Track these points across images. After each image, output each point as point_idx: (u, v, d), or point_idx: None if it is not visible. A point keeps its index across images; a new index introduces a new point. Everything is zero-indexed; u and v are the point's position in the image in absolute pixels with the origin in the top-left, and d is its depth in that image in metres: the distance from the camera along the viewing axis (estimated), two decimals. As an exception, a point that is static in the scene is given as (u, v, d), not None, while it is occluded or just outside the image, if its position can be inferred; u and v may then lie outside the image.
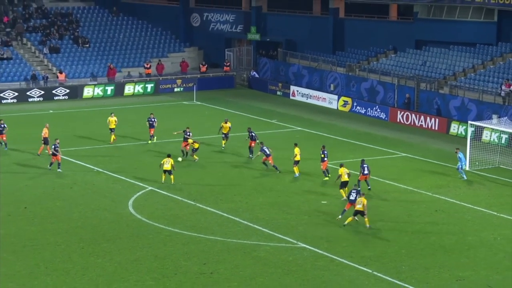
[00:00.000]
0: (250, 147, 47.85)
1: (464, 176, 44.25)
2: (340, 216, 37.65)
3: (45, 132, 47.89)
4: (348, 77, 64.90)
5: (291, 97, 66.75)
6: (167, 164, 42.59)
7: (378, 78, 63.06)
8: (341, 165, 40.91)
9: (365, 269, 32.61)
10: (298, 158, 44.39)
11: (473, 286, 31.22)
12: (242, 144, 49.69)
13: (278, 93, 67.99)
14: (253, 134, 47.91)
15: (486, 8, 61.79)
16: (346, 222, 36.68)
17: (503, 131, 49.62)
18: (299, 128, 56.78)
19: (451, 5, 63.15)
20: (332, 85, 65.44)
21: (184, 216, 38.74)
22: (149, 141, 51.20)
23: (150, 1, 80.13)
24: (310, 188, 42.61)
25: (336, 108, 63.09)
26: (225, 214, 38.93)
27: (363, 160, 42.37)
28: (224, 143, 49.89)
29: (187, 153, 47.59)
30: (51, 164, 45.07)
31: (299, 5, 72.34)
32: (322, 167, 43.55)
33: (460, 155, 44.46)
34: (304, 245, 35.14)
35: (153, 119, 51.51)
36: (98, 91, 67.29)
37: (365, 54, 67.46)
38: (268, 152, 44.92)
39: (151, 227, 37.18)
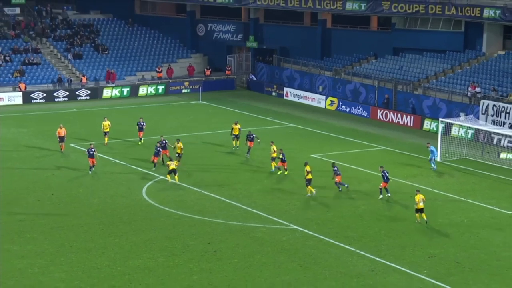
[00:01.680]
0: (249, 147, 46.06)
1: (435, 167, 44.16)
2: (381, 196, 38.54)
3: (59, 132, 46.79)
4: (334, 80, 64.79)
5: (284, 98, 66.63)
6: (172, 164, 41.02)
7: (360, 81, 62.94)
8: (305, 163, 39.56)
9: (349, 247, 32.59)
10: (274, 154, 43.64)
11: (443, 262, 31.21)
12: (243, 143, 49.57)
13: (273, 94, 67.88)
14: (253, 136, 46.10)
15: (455, 19, 61.67)
16: (417, 220, 34.83)
17: (469, 127, 49.56)
18: (292, 125, 56.71)
19: (424, 17, 63.03)
20: (320, 87, 65.32)
21: (190, 202, 38.70)
22: (139, 143, 48.93)
23: (161, 14, 79.94)
24: (300, 177, 42.57)
25: (324, 107, 62.99)
26: (227, 200, 38.89)
27: (333, 163, 40.84)
28: (235, 143, 47.93)
29: (163, 160, 43.91)
30: (90, 168, 42.94)
31: (291, 17, 72.20)
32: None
33: (432, 148, 44.40)
34: (296, 227, 35.11)
35: (142, 123, 49.16)
36: (116, 92, 67.14)
37: (349, 60, 67.33)
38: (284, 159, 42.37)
39: (162, 211, 37.15)
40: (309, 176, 39.03)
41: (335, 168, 39.87)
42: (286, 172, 42.61)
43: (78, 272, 29.89)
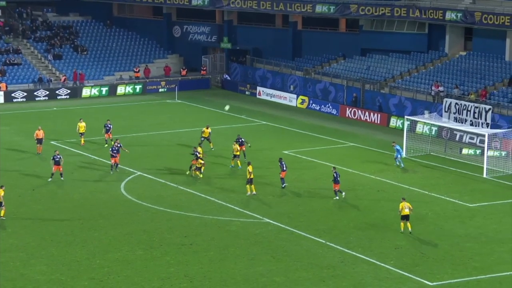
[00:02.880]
0: (242, 151, 44.03)
1: (402, 165, 44.06)
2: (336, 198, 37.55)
3: (37, 133, 45.67)
4: (305, 79, 64.85)
5: (257, 96, 66.58)
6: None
7: (330, 80, 63.07)
8: (249, 163, 38.80)
9: (319, 240, 32.67)
10: (237, 153, 43.16)
11: (408, 253, 31.38)
12: (220, 142, 49.48)
13: (247, 93, 67.80)
14: (242, 140, 44.57)
15: (419, 22, 61.99)
16: (402, 230, 33.21)
17: (433, 124, 49.85)
18: (264, 122, 56.69)
19: (390, 19, 63.28)
20: (292, 86, 65.35)
21: (168, 197, 38.56)
22: (105, 145, 47.52)
23: (139, 16, 79.48)
24: (272, 173, 42.56)
25: (295, 105, 63.05)
26: (202, 195, 38.80)
27: (280, 158, 40.19)
28: (210, 145, 46.86)
29: (116, 165, 42.17)
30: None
31: (264, 19, 72.15)
32: (335, 188, 38.23)
33: (397, 147, 44.37)
34: (269, 220, 35.12)
35: (109, 125, 47.95)
36: (95, 91, 66.67)
37: (319, 60, 67.45)
38: (284, 168, 39.71)
39: (140, 206, 36.96)
40: (251, 176, 38.16)
41: (336, 174, 37.76)
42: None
43: (58, 265, 29.65)
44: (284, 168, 39.45)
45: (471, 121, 46.71)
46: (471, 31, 60.10)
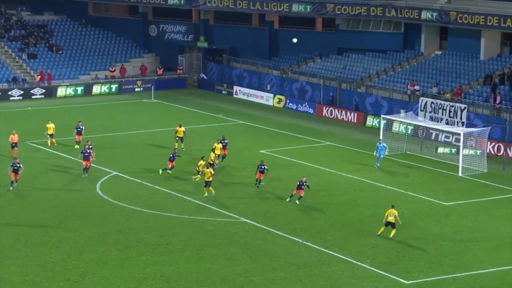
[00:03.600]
0: (223, 154, 43.72)
1: (378, 165, 44.05)
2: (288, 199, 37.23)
3: (12, 138, 44.80)
4: (282, 78, 64.94)
5: (234, 96, 66.57)
6: (206, 176, 37.63)
7: (307, 79, 63.21)
8: (207, 166, 38.51)
9: (296, 239, 32.72)
10: (218, 152, 42.79)
11: (384, 251, 31.53)
12: (194, 142, 49.40)
13: (223, 92, 67.75)
14: (226, 142, 44.07)
15: (395, 21, 62.33)
16: (379, 232, 32.89)
17: (409, 123, 50.13)
18: (241, 122, 56.70)
19: (366, 18, 63.57)
20: (268, 85, 65.41)
21: (144, 197, 38.43)
22: (76, 146, 46.79)
23: (114, 15, 79.10)
24: (249, 173, 42.59)
25: (272, 104, 63.13)
26: (179, 195, 38.72)
27: (262, 161, 39.97)
28: (182, 145, 46.43)
29: (87, 169, 41.32)
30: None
31: (240, 18, 72.14)
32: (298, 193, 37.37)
33: (380, 145, 43.94)
34: (246, 220, 35.13)
35: (81, 127, 47.33)
36: (70, 91, 66.26)
37: (296, 59, 67.59)
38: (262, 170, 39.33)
39: (116, 206, 36.80)
40: (210, 179, 37.74)
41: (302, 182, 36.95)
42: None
43: (33, 266, 29.44)
44: (263, 171, 39.11)
45: (446, 120, 47.06)
46: (447, 30, 60.54)
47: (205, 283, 28.28)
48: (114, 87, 67.83)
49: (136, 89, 68.24)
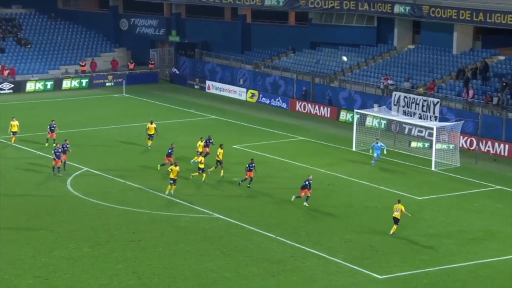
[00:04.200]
0: (207, 153, 42.76)
1: (374, 163, 43.50)
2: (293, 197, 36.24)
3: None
4: (255, 73, 64.96)
5: (206, 90, 66.46)
6: (171, 173, 37.28)
7: (280, 74, 63.27)
8: (175, 164, 37.82)
9: (269, 234, 32.80)
10: (200, 149, 42.57)
11: (358, 246, 31.72)
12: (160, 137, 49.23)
13: (196, 87, 67.62)
14: (211, 142, 43.23)
15: (368, 15, 62.60)
16: (392, 232, 32.69)
17: (382, 117, 50.41)
18: (214, 117, 56.63)
19: (339, 12, 63.77)
20: (241, 80, 65.40)
21: (115, 193, 38.27)
22: (46, 144, 46.02)
23: (84, 8, 78.54)
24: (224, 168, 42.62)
25: (245, 99, 63.13)
26: (151, 191, 38.60)
27: (252, 159, 39.74)
28: (150, 143, 46.06)
29: (58, 168, 40.49)
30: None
31: (212, 12, 72.00)
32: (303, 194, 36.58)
33: (376, 145, 43.40)
34: (219, 216, 35.13)
35: (54, 125, 46.67)
36: (39, 85, 65.72)
37: (268, 54, 67.62)
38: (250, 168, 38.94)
39: (87, 202, 36.61)
40: (175, 177, 37.32)
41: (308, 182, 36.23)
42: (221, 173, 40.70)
43: (2, 264, 29.20)
44: (250, 169, 38.67)
45: (419, 114, 47.38)
46: (419, 24, 60.95)
47: (178, 279, 28.26)
48: (84, 81, 67.38)
49: (107, 84, 67.85)
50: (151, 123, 46.61)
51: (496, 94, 50.43)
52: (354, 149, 47.00)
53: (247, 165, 39.14)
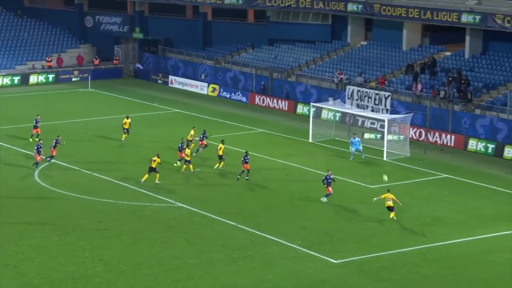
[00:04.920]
0: (201, 146, 42.76)
1: (362, 156, 43.11)
2: (323, 199, 35.26)
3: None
4: (215, 68, 64.77)
5: (169, 85, 66.07)
6: (153, 162, 37.16)
7: (239, 69, 63.19)
8: (157, 155, 37.62)
9: (230, 222, 32.80)
10: (190, 138, 41.99)
11: (314, 233, 31.87)
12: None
13: (159, 81, 67.18)
14: (205, 135, 43.22)
15: (323, 13, 62.79)
16: (391, 216, 32.87)
17: (337, 110, 50.64)
18: (176, 110, 56.36)
19: (296, 10, 63.85)
20: (203, 75, 65.16)
21: (82, 183, 37.90)
22: (30, 139, 45.19)
23: (50, 6, 77.38)
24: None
25: (206, 93, 62.91)
26: (116, 181, 38.33)
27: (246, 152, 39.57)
28: (124, 137, 45.52)
29: (39, 159, 39.68)
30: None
31: (175, 10, 71.55)
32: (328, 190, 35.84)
33: (354, 140, 43.34)
34: (182, 205, 35.03)
35: (38, 120, 45.74)
36: (7, 80, 64.64)
37: (229, 50, 67.47)
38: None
39: (54, 193, 36.19)
40: (154, 165, 37.20)
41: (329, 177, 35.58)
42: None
43: (-28, 254, 28.74)
44: (246, 161, 38.46)
45: (372, 107, 47.71)
46: (371, 22, 61.35)
47: (143, 266, 28.12)
48: (51, 77, 66.49)
49: (73, 79, 67.04)
50: (127, 118, 45.91)
51: (443, 88, 51.04)
52: (310, 140, 47.18)
53: (242, 158, 38.74)
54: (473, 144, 45.89)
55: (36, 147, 40.12)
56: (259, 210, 34.55)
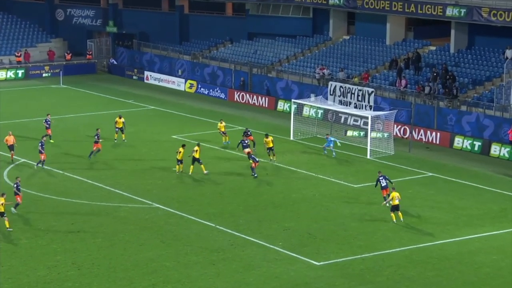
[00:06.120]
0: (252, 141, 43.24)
1: (325, 152, 43.66)
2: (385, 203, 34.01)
3: (7, 139, 41.64)
4: (193, 63, 64.63)
5: (145, 81, 65.84)
6: (179, 154, 38.36)
7: (218, 64, 63.11)
8: (198, 144, 38.68)
9: (209, 223, 32.75)
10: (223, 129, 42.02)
11: (296, 234, 31.90)
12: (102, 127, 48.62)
13: (134, 77, 66.92)
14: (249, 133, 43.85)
15: (303, 6, 62.84)
16: (394, 221, 32.85)
17: (319, 107, 50.76)
18: (152, 107, 56.18)
19: (276, 3, 63.87)
20: (180, 70, 65.00)
21: (54, 184, 37.66)
22: (52, 141, 44.81)
23: (19, -2, 77.04)
24: (162, 157, 42.35)
25: (183, 89, 62.77)
26: (90, 181, 38.12)
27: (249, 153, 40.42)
28: (123, 136, 45.29)
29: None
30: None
31: (150, 3, 71.29)
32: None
33: (330, 139, 43.72)
34: (158, 205, 34.92)
35: (49, 121, 45.39)
36: (-26, 76, 64.17)
37: (206, 44, 67.36)
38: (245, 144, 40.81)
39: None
40: (180, 157, 38.21)
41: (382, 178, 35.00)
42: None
43: None
44: (257, 160, 39.09)
45: (355, 103, 47.86)
46: (354, 15, 61.51)
47: (118, 269, 28.00)
48: (20, 72, 65.99)
49: (44, 75, 66.59)
50: (120, 118, 45.31)
51: (428, 84, 51.34)
52: (291, 138, 47.22)
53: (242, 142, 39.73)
54: (459, 142, 46.18)
55: (40, 144, 39.73)
56: (239, 211, 34.52)
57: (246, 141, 41.65)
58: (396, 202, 33.02)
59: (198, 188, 37.72)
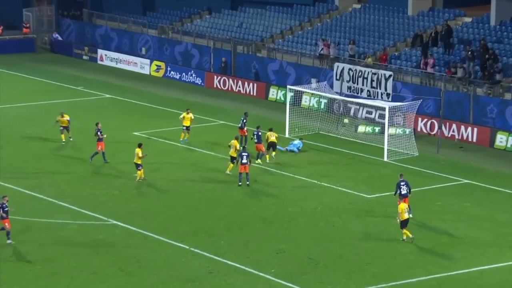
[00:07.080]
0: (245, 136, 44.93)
1: (282, 148, 44.45)
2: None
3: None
4: (160, 40, 64.68)
5: (99, 62, 65.88)
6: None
7: (192, 41, 63.19)
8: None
9: (181, 245, 32.77)
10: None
11: (293, 258, 31.92)
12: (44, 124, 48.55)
13: (85, 57, 66.97)
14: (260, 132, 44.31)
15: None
16: (404, 238, 33.15)
17: (322, 95, 50.81)
18: (108, 96, 56.23)
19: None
20: (143, 49, 65.08)
21: (-20, 195, 37.48)
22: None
23: None
24: (120, 161, 42.23)
25: (148, 73, 62.82)
26: (27, 191, 38.05)
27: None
28: (69, 135, 45.33)
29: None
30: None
31: (105, -39, 71.50)
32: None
33: (295, 142, 44.60)
34: (116, 222, 34.94)
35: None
36: None
37: (178, 15, 67.38)
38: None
39: None
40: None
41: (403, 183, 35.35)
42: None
43: None
44: (260, 140, 41.59)
45: (368, 91, 47.95)
46: (364, -22, 61.77)
47: (63, 306, 27.94)
48: None
49: (-33, 54, 66.59)
50: (62, 116, 44.97)
51: (462, 65, 51.46)
52: (287, 135, 47.32)
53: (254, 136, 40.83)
54: (502, 140, 46.37)
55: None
56: (219, 229, 34.53)
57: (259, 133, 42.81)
58: (406, 216, 33.01)
59: (166, 199, 37.71)
